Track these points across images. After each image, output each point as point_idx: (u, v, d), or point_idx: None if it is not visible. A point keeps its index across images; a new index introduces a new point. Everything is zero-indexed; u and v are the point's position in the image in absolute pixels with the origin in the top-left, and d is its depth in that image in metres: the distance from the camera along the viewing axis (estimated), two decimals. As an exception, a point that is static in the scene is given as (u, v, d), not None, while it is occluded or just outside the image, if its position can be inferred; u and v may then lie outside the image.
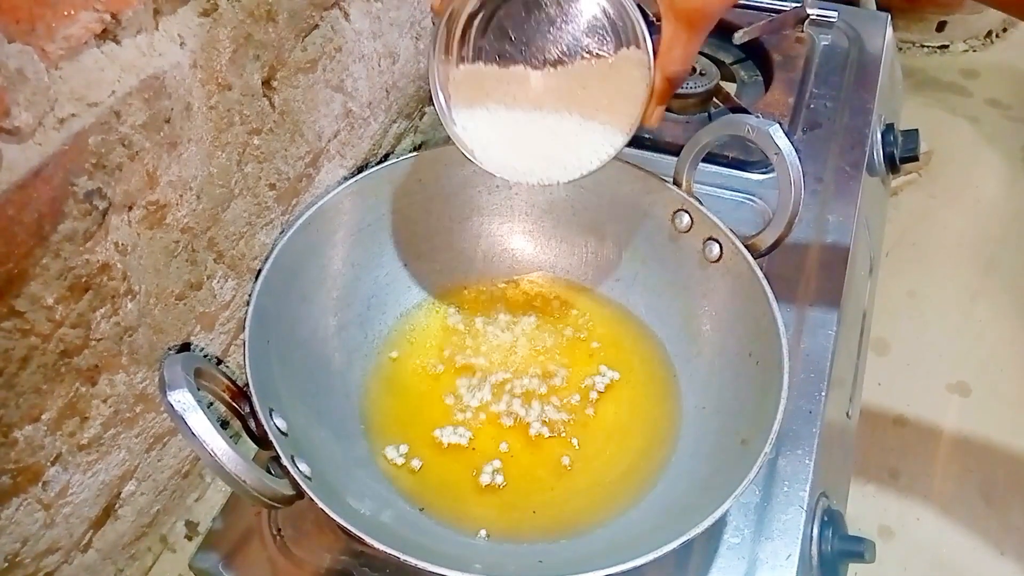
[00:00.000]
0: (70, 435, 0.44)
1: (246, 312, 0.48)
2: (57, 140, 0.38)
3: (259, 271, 0.51)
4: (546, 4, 0.48)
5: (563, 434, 0.55)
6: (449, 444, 0.54)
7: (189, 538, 0.57)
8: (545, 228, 0.63)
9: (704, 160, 0.56)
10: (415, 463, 0.53)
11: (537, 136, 0.51)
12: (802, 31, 0.85)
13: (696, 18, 0.45)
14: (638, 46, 0.47)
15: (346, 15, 0.60)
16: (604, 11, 0.48)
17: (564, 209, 0.62)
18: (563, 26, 0.49)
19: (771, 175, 0.70)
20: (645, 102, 0.48)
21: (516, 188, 0.62)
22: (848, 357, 0.68)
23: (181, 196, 0.48)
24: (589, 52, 0.49)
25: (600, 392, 0.57)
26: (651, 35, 0.47)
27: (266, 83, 0.53)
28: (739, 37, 0.82)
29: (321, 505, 0.41)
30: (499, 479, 0.53)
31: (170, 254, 0.49)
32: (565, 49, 0.49)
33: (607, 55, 0.49)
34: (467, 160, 0.52)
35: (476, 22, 0.49)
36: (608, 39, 0.48)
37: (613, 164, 0.57)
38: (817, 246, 0.67)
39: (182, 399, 0.38)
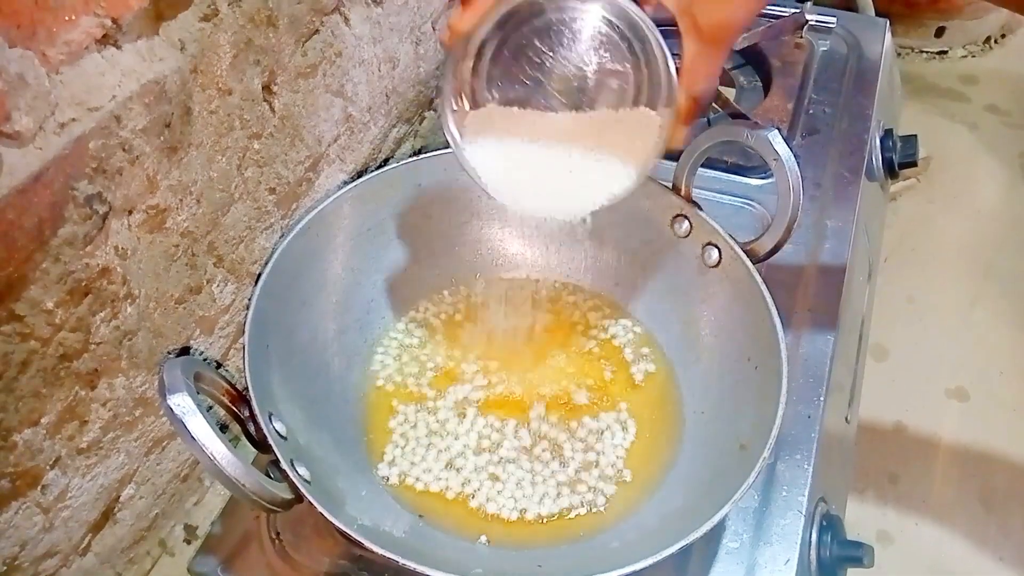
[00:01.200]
0: (69, 439, 0.44)
1: (246, 316, 0.48)
2: (58, 145, 0.38)
3: (259, 275, 0.51)
4: (560, 33, 0.46)
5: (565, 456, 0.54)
6: (443, 492, 0.52)
7: (188, 542, 0.57)
8: (545, 233, 0.63)
9: (703, 165, 0.56)
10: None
11: (551, 170, 0.49)
12: (801, 37, 0.85)
13: (721, 34, 0.43)
14: (659, 87, 0.45)
15: (346, 20, 0.60)
16: (620, 33, 0.45)
17: (564, 214, 0.62)
18: (578, 58, 0.46)
19: (770, 180, 0.70)
20: (667, 133, 0.46)
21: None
22: (847, 362, 0.68)
23: (181, 200, 0.48)
24: (605, 77, 0.46)
25: (615, 449, 0.55)
26: (671, 50, 0.44)
27: (266, 88, 0.53)
28: (738, 43, 0.82)
29: (320, 509, 0.41)
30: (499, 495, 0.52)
31: (170, 258, 0.49)
32: (580, 80, 0.47)
33: (625, 84, 0.46)
34: None
35: (488, 54, 0.47)
36: (626, 65, 0.46)
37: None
38: (816, 251, 0.67)
39: (181, 403, 0.39)
